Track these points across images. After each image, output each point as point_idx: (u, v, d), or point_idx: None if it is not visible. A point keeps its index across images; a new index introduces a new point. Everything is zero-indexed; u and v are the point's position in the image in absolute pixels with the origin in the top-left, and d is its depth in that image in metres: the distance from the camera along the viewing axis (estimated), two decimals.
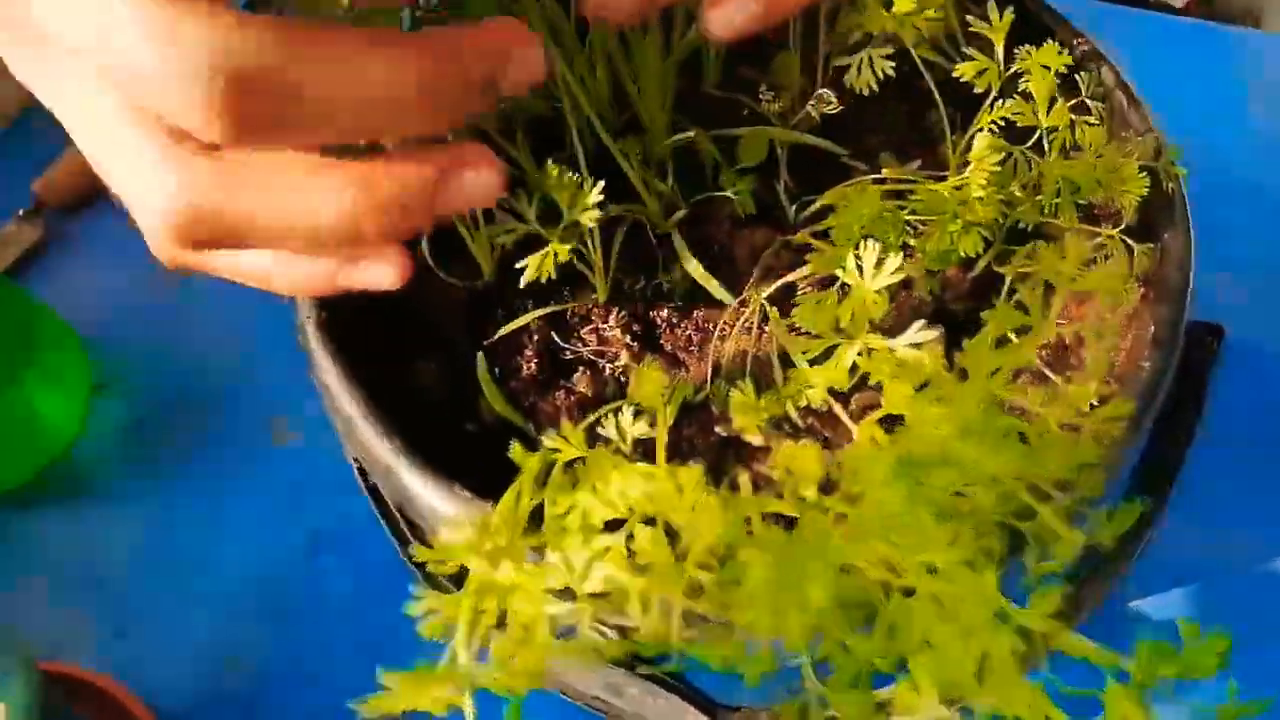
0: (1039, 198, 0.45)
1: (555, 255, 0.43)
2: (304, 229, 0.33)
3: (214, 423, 0.78)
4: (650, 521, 0.36)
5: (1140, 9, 0.90)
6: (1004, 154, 0.43)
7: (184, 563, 0.73)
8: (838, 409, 0.45)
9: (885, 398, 0.43)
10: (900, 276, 0.39)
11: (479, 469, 0.43)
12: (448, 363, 0.49)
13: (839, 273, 0.40)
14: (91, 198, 0.83)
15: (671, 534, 0.36)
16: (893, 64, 0.47)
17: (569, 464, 0.36)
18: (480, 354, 0.46)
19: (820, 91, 0.51)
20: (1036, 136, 0.45)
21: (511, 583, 0.34)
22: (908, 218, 0.45)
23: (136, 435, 0.77)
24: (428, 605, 0.37)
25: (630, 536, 0.35)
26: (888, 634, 0.31)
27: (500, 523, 0.36)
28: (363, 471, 0.58)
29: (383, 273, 0.38)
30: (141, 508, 0.74)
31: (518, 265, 0.44)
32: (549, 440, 0.41)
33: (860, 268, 0.39)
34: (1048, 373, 0.47)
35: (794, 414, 0.45)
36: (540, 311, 0.49)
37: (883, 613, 0.31)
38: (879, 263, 0.39)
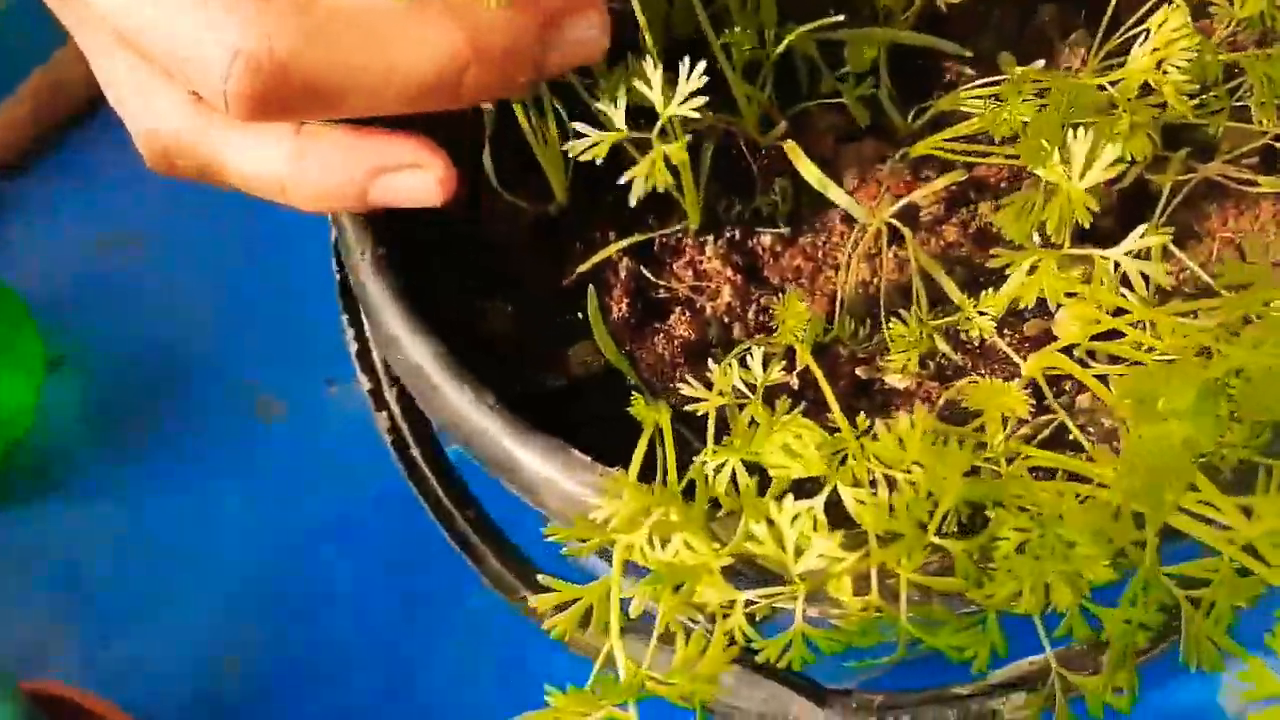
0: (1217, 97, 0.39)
1: (665, 159, 0.35)
2: (401, 81, 0.29)
3: (189, 400, 0.69)
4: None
5: None
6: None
7: (168, 558, 0.64)
8: (1000, 342, 0.38)
9: (1064, 324, 0.37)
10: (1118, 170, 0.33)
11: (573, 430, 0.36)
12: (520, 306, 0.41)
13: (1040, 171, 0.33)
14: (31, 155, 0.72)
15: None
16: None
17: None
18: (590, 289, 0.38)
19: None
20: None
21: (697, 562, 0.27)
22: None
23: (102, 416, 0.67)
24: (558, 598, 0.29)
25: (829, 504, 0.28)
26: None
27: (667, 491, 0.29)
28: (398, 442, 0.50)
29: (424, 183, 0.34)
30: (115, 498, 0.64)
31: (620, 179, 0.36)
32: (687, 390, 0.34)
33: (1067, 162, 0.32)
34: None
35: (946, 349, 0.39)
36: (625, 242, 0.42)
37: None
38: (1090, 156, 0.32)
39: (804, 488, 0.29)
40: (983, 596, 0.26)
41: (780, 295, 0.43)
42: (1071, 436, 0.33)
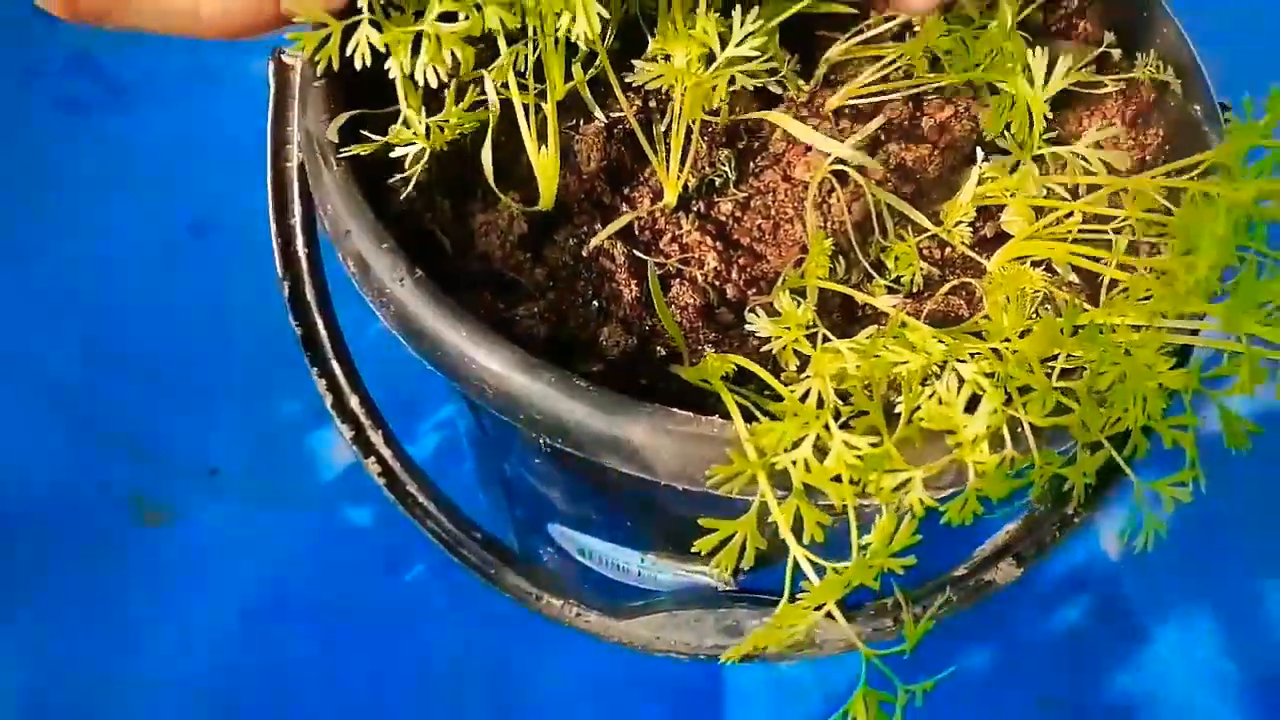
0: None
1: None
2: None
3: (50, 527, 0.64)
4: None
5: None
6: None
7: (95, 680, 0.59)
8: (967, 249, 0.44)
9: (1013, 221, 0.43)
10: (1073, 79, 0.39)
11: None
12: (543, 308, 0.43)
13: (1002, 85, 0.40)
14: None
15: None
16: None
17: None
18: (650, 265, 0.41)
19: None
20: None
21: (878, 454, 0.30)
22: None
23: None
24: (720, 534, 0.32)
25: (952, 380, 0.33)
26: None
27: (810, 409, 0.32)
28: (391, 483, 0.50)
29: None
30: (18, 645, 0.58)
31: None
32: (767, 328, 0.38)
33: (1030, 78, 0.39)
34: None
35: (923, 265, 0.44)
36: (616, 226, 0.44)
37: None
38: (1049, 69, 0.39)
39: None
40: (1085, 426, 0.32)
41: (753, 255, 0.47)
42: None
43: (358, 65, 0.34)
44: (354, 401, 0.49)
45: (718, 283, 0.46)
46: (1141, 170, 0.50)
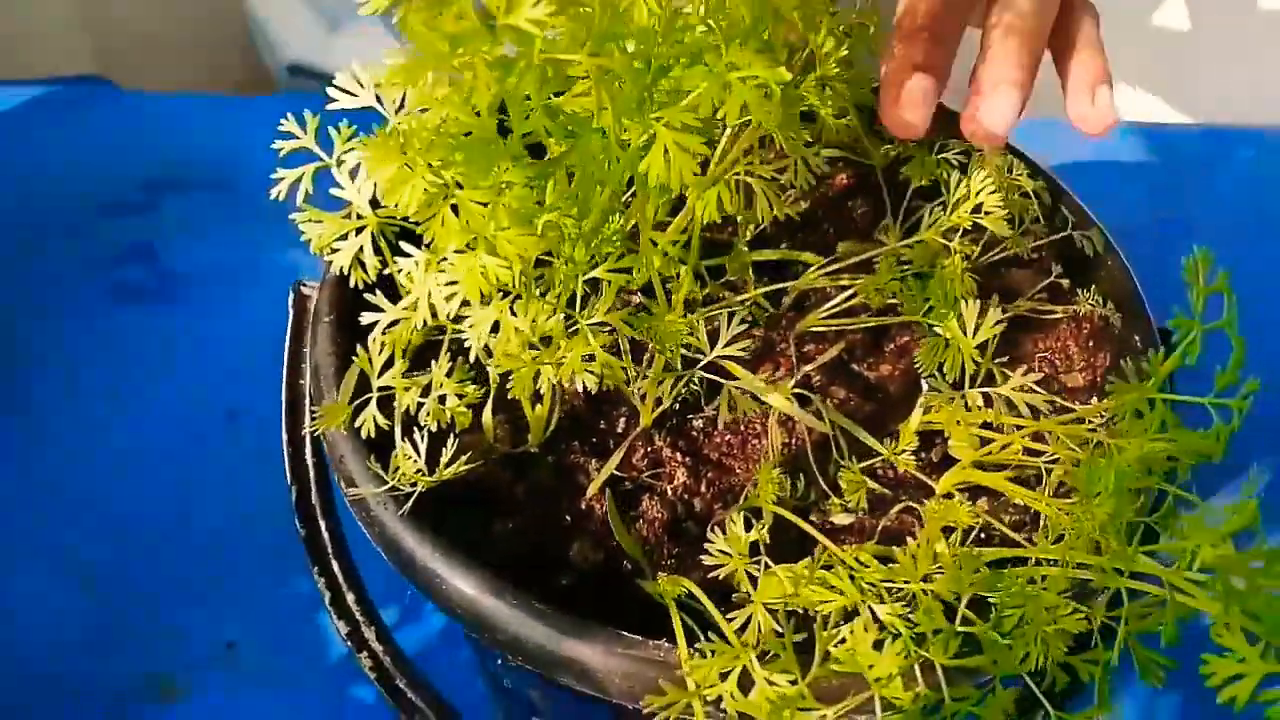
0: None
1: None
2: None
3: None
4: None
5: None
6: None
7: None
8: (916, 471, 0.48)
9: (958, 446, 0.46)
10: (1001, 329, 0.43)
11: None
12: (519, 526, 0.46)
13: (940, 329, 0.44)
14: None
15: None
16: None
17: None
18: (608, 492, 0.45)
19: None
20: None
21: (792, 695, 0.33)
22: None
23: None
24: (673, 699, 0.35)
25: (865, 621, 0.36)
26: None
27: (733, 643, 0.35)
28: (382, 678, 0.53)
29: None
30: None
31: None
32: (708, 559, 0.41)
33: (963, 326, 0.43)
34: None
35: (875, 485, 0.48)
36: (615, 461, 0.48)
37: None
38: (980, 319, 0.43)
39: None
40: (989, 664, 0.34)
41: (722, 470, 0.51)
42: (996, 531, 0.43)
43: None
44: (350, 599, 0.53)
45: (686, 496, 0.49)
46: (1092, 390, 0.53)
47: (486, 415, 0.45)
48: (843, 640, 0.34)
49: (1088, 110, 0.50)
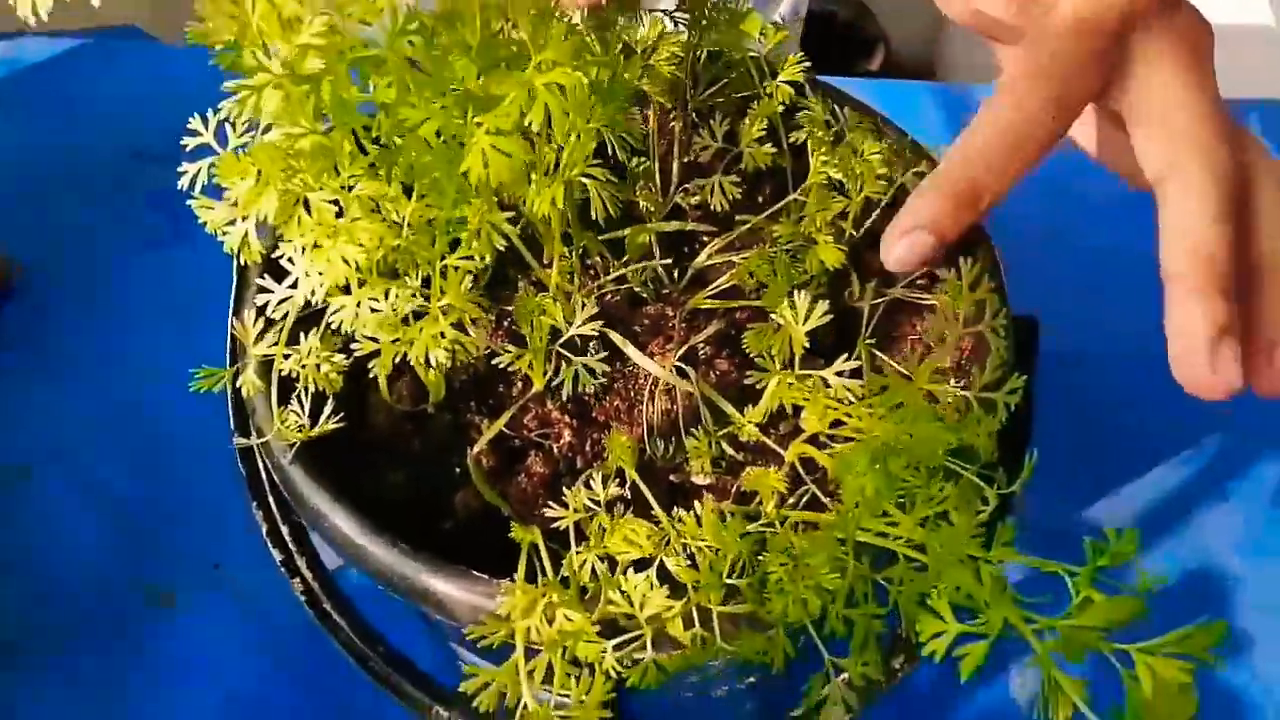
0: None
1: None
2: None
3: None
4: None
5: (846, 75, 1.06)
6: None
7: None
8: (766, 440, 0.53)
9: (808, 420, 0.51)
10: (828, 319, 0.48)
11: (469, 558, 0.48)
12: (410, 473, 0.53)
13: (775, 316, 0.48)
14: None
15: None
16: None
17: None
18: (474, 449, 0.51)
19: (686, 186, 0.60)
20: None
21: (576, 628, 0.39)
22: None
23: None
24: (483, 679, 0.41)
25: (657, 571, 0.41)
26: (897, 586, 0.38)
27: (550, 582, 0.41)
28: (311, 601, 0.60)
29: None
30: None
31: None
32: (550, 513, 0.47)
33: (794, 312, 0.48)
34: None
35: (730, 451, 0.53)
36: (500, 423, 0.54)
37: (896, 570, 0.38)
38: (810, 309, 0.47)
39: (642, 565, 0.42)
40: (765, 613, 0.40)
41: (607, 431, 0.56)
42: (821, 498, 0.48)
43: None
44: (285, 530, 0.60)
45: (570, 454, 0.55)
46: (958, 371, 0.58)
47: (381, 379, 0.51)
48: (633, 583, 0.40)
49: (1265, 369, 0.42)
